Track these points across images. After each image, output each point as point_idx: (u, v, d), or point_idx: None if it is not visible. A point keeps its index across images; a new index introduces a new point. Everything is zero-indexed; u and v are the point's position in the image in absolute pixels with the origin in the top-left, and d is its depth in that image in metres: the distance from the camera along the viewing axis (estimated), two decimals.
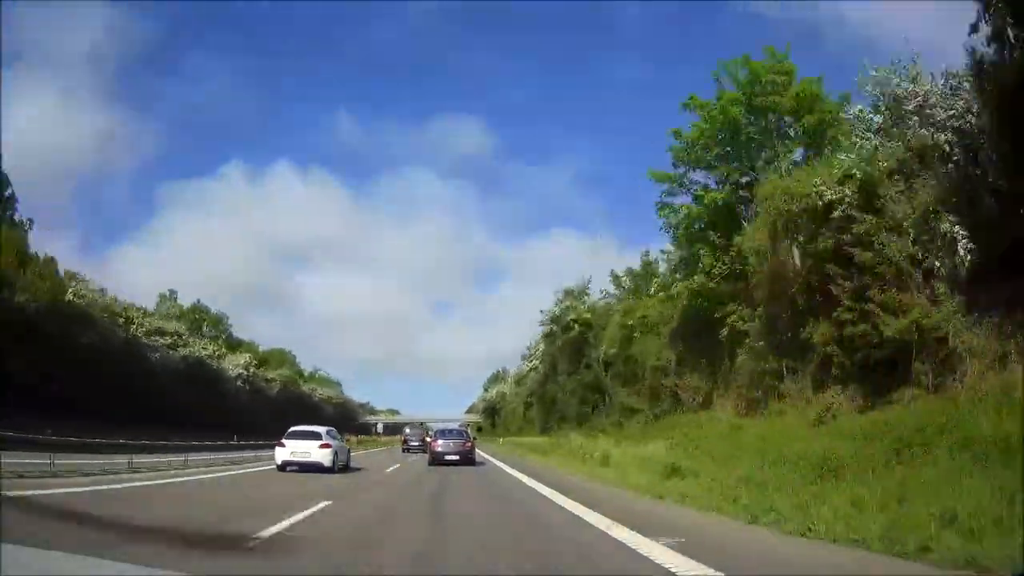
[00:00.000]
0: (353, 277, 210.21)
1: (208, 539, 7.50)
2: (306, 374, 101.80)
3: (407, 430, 50.89)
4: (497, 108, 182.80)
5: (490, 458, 31.77)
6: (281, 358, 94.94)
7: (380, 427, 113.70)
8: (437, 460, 24.62)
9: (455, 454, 24.74)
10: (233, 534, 7.64)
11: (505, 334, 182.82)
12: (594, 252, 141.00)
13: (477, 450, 29.53)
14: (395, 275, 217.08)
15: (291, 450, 20.37)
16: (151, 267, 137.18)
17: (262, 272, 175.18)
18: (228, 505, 11.71)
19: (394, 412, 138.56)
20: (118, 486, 13.40)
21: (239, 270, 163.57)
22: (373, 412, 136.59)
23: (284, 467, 20.12)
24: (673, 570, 5.85)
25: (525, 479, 18.40)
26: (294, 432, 21.38)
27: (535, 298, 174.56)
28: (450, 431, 29.87)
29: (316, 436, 21.04)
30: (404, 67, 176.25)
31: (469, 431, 34.59)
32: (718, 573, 5.67)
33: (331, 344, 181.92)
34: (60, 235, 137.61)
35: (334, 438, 21.88)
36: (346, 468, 22.14)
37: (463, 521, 9.86)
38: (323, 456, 20.12)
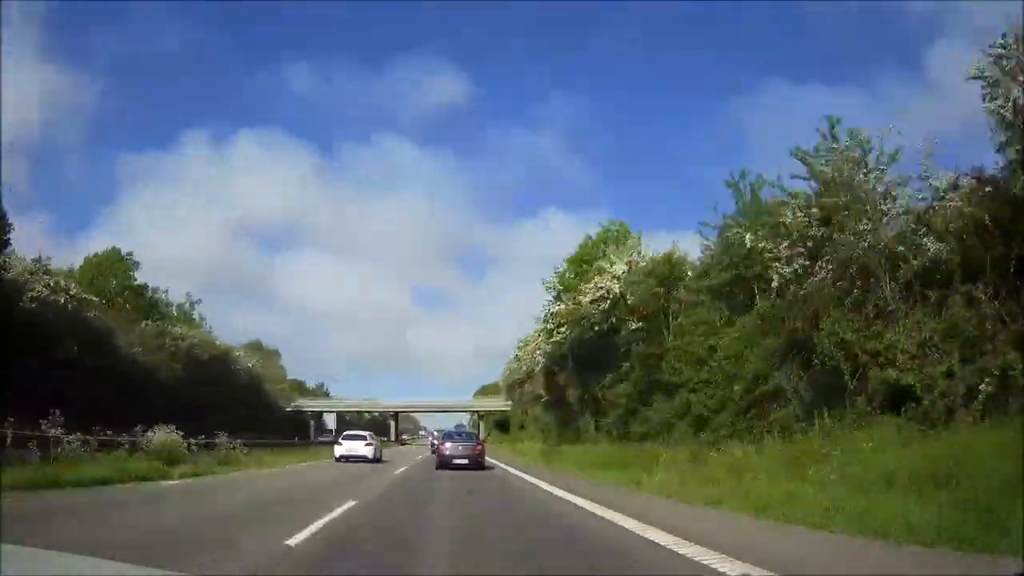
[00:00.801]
0: (333, 266, 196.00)
1: None
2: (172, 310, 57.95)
3: (434, 432, 61.31)
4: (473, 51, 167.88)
5: None
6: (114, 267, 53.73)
7: (331, 423, 73.46)
8: (445, 464, 24.74)
9: (464, 458, 24.78)
10: None
11: (497, 329, 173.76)
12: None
13: None
14: (376, 264, 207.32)
15: (346, 448, 29.72)
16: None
17: (238, 260, 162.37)
18: None
19: (372, 401, 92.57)
20: None
21: (213, 257, 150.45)
22: (318, 395, 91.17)
23: (340, 459, 29.33)
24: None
25: None
26: (347, 435, 31.19)
27: (526, 291, 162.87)
28: (459, 434, 30.86)
29: (363, 438, 30.85)
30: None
31: (479, 433, 37.55)
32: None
33: (322, 341, 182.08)
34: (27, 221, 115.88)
35: (374, 439, 31.75)
36: (380, 460, 31.39)
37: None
38: (367, 451, 29.48)
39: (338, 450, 29.94)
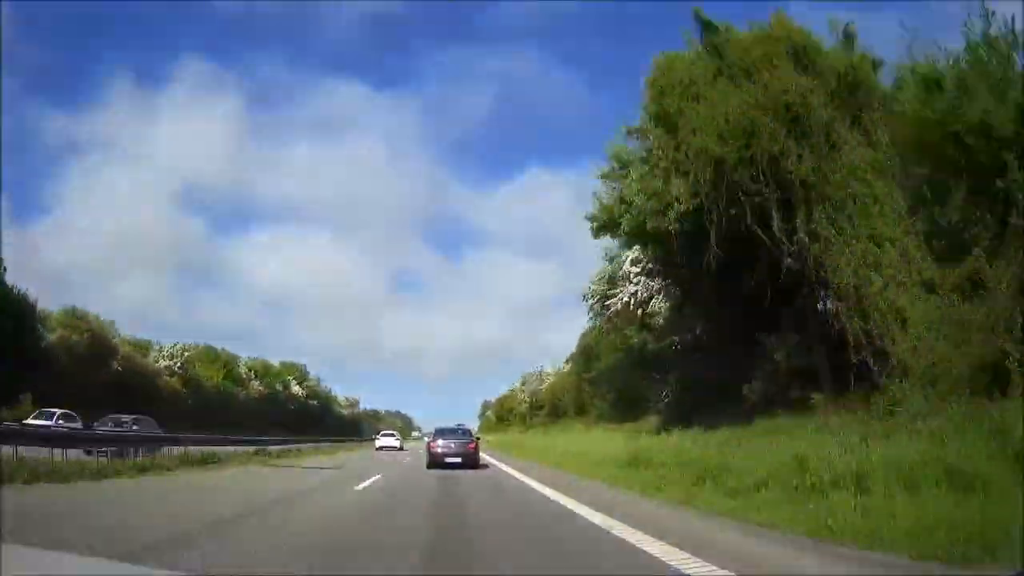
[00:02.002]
0: (296, 244, 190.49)
1: None
2: None
3: (431, 433, 75.71)
4: None
5: None
6: None
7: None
8: (436, 463, 22.93)
9: (457, 456, 23.03)
10: None
11: (482, 320, 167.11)
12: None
13: None
14: (346, 238, 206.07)
15: (382, 442, 50.45)
16: (60, 238, 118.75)
17: (188, 241, 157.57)
18: None
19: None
20: None
21: (160, 239, 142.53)
22: None
23: (380, 449, 50.02)
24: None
25: None
26: (384, 433, 52.40)
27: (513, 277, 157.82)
28: (451, 430, 27.87)
29: (393, 435, 51.91)
30: None
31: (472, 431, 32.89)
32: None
33: (302, 336, 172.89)
34: None
35: (399, 437, 53.08)
36: (402, 448, 52.23)
37: None
38: (396, 443, 50.29)
39: (377, 443, 50.76)
